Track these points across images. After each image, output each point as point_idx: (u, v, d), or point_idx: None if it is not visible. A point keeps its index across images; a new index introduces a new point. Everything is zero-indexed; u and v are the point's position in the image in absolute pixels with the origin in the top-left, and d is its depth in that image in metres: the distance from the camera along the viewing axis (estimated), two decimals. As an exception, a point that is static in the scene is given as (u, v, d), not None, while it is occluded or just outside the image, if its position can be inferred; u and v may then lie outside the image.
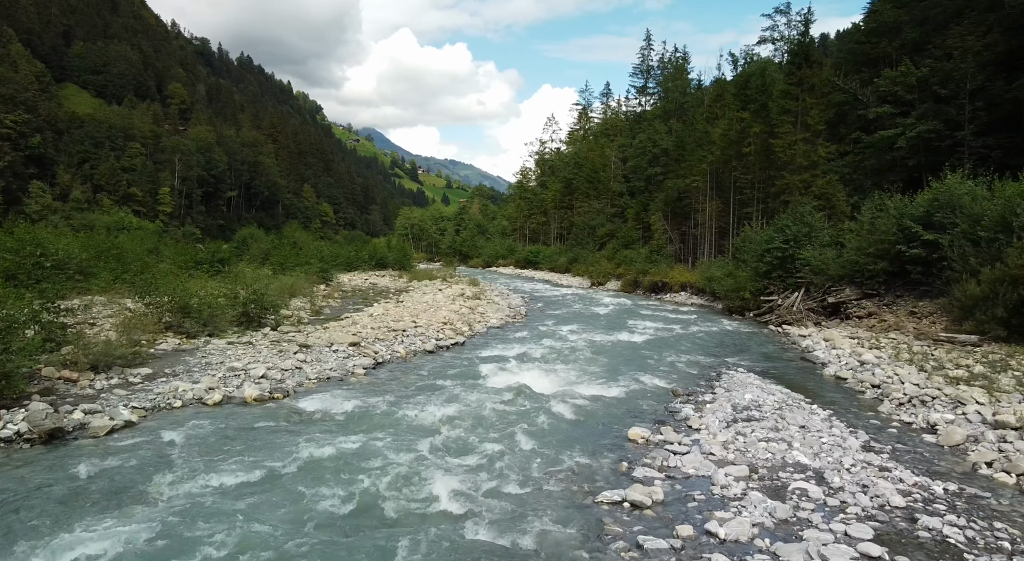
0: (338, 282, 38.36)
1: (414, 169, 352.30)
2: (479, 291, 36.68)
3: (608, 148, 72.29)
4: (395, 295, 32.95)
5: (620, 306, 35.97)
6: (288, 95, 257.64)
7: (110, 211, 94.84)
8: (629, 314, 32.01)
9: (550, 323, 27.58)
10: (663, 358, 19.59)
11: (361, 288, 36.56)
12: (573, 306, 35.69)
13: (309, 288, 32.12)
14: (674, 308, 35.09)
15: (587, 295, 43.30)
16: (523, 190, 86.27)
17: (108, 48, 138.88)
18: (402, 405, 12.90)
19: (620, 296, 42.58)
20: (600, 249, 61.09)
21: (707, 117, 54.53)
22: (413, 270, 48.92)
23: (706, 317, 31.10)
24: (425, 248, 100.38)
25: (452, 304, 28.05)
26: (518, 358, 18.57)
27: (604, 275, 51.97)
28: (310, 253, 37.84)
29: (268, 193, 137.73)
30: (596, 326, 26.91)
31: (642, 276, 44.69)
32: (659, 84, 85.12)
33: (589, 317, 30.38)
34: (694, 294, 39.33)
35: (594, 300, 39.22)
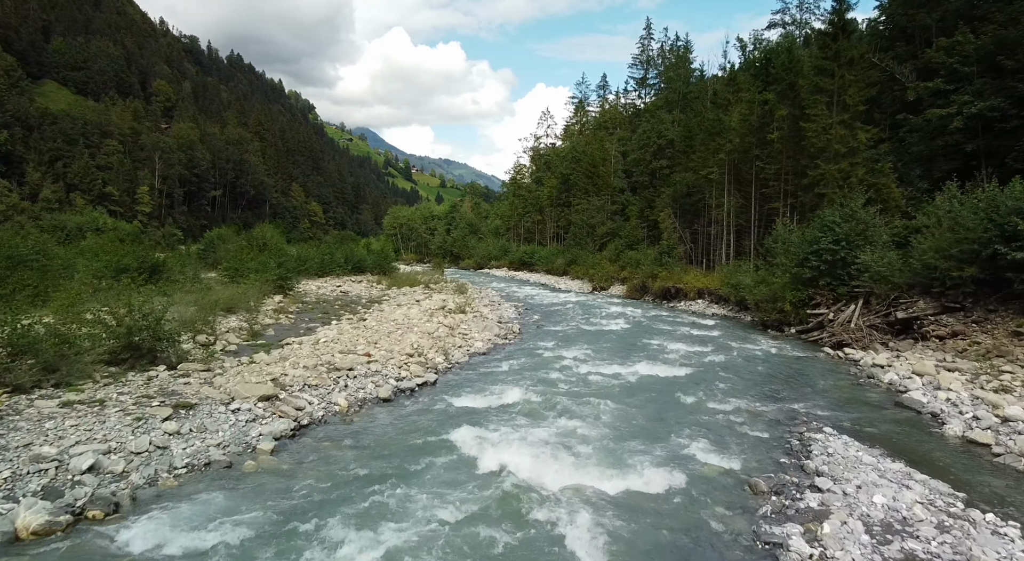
0: (301, 291, 32.70)
1: (408, 168, 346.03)
2: (465, 301, 31.03)
3: (607, 141, 66.68)
4: (364, 307, 27.32)
5: (630, 317, 30.40)
6: (279, 94, 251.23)
7: (83, 211, 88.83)
8: (643, 329, 26.42)
9: (549, 344, 21.96)
10: (708, 406, 13.96)
11: (328, 298, 30.95)
12: (575, 318, 30.10)
13: (258, 301, 26.47)
14: (694, 321, 29.47)
15: (589, 302, 37.72)
16: (517, 187, 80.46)
17: (89, 44, 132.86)
18: (300, 542, 7.31)
19: (627, 304, 37.01)
20: (600, 249, 55.46)
21: (718, 105, 48.93)
22: (395, 275, 43.30)
23: (736, 333, 25.52)
24: (415, 248, 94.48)
25: (429, 321, 22.40)
26: (507, 414, 12.90)
27: (606, 278, 46.39)
28: (271, 257, 32.07)
29: (255, 192, 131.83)
30: (606, 348, 21.30)
31: (650, 280, 39.11)
32: (660, 74, 79.72)
33: (596, 334, 24.78)
34: (714, 302, 33.75)
35: (598, 309, 33.64)
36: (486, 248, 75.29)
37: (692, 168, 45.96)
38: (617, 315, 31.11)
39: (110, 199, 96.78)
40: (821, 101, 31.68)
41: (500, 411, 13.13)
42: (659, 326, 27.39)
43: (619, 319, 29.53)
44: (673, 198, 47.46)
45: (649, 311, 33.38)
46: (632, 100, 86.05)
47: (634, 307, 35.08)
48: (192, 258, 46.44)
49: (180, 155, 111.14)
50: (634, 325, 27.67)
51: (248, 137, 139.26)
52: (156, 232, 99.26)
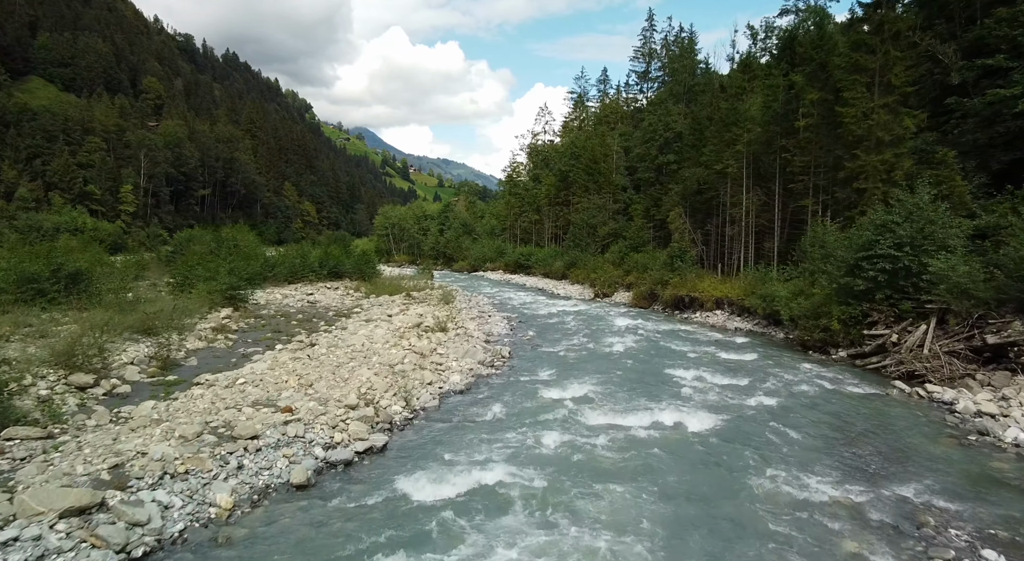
0: (261, 302, 28.02)
1: (405, 168, 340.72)
2: (448, 315, 26.40)
3: (609, 136, 62.01)
4: (327, 324, 22.66)
5: (641, 333, 25.78)
6: (275, 92, 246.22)
7: (61, 211, 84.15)
8: (659, 351, 21.79)
9: (546, 375, 17.35)
10: (778, 492, 9.36)
11: (290, 310, 26.31)
12: (577, 334, 25.47)
13: (201, 316, 21.84)
14: (717, 338, 24.78)
15: (592, 312, 33.10)
16: (513, 185, 75.65)
17: (76, 40, 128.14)
18: None
19: (635, 315, 32.39)
20: (603, 252, 50.77)
21: (731, 94, 44.25)
22: (376, 280, 38.66)
23: (772, 356, 20.89)
24: (407, 249, 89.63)
25: (396, 346, 17.74)
26: (484, 516, 8.32)
27: (610, 284, 41.71)
28: (226, 262, 27.26)
29: (246, 191, 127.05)
30: (618, 381, 16.69)
31: (661, 287, 34.49)
32: (664, 67, 75.14)
33: (603, 359, 20.15)
34: (735, 314, 29.11)
35: (604, 322, 29.01)
36: (481, 249, 70.50)
37: (703, 163, 41.34)
38: (625, 330, 26.47)
39: (91, 198, 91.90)
40: (860, 82, 27.06)
41: (474, 510, 8.53)
42: (677, 346, 22.75)
43: (628, 336, 24.88)
44: (682, 196, 42.82)
45: (661, 324, 28.73)
46: (634, 95, 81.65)
47: (643, 319, 30.43)
48: (159, 260, 41.84)
49: (167, 153, 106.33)
50: (648, 344, 23.03)
51: (239, 135, 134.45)
52: (140, 232, 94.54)
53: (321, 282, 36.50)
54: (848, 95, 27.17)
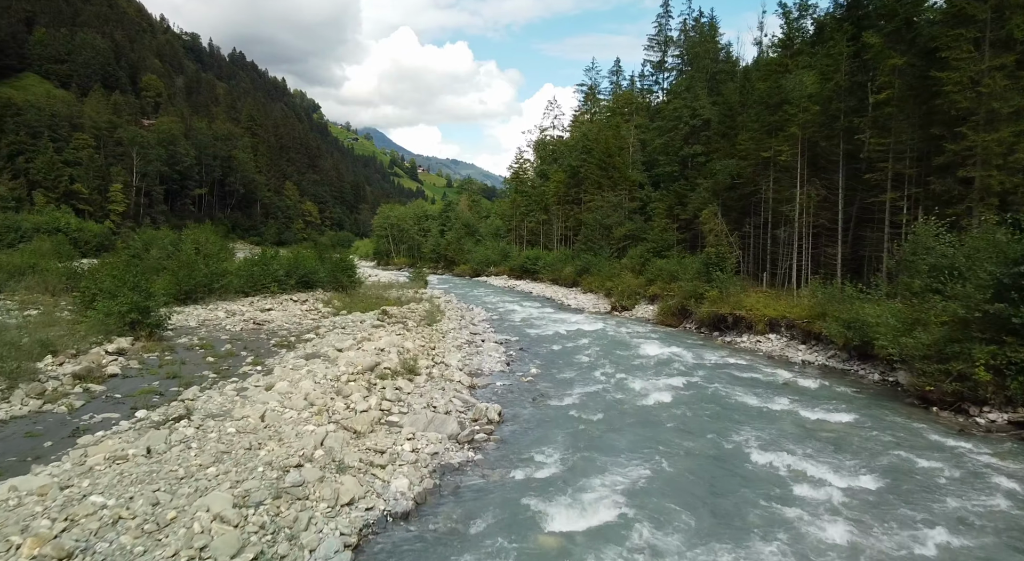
0: (194, 322, 21.55)
1: (414, 168, 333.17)
2: (427, 343, 19.85)
3: (624, 127, 55.20)
4: (256, 360, 16.17)
5: (680, 368, 19.10)
6: (282, 92, 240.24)
7: (43, 210, 78.23)
8: (715, 405, 15.06)
9: (551, 468, 10.70)
10: None
11: (222, 336, 19.84)
12: (594, 370, 18.82)
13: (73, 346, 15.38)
14: (786, 379, 17.90)
15: (612, 332, 26.43)
16: (519, 182, 68.75)
17: (74, 36, 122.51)
18: None
19: (665, 337, 25.69)
20: (619, 256, 44.07)
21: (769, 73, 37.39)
22: (355, 291, 32.15)
23: (882, 416, 14.10)
24: (406, 251, 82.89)
25: (320, 414, 11.07)
26: None
27: (630, 294, 34.99)
28: (137, 274, 20.43)
29: (245, 191, 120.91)
30: (670, 486, 10.10)
31: (694, 302, 27.79)
32: (682, 54, 68.38)
33: (637, 425, 13.47)
34: (795, 339, 22.35)
35: (628, 349, 22.33)
36: (484, 252, 63.75)
37: (738, 153, 34.67)
38: (659, 363, 19.78)
39: (78, 197, 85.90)
40: (965, 39, 20.29)
41: None
42: (736, 393, 16.03)
43: (664, 374, 18.20)
44: (713, 192, 36.06)
45: (702, 352, 21.99)
46: (649, 86, 74.88)
47: (676, 343, 23.70)
48: None
49: (160, 151, 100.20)
50: (695, 390, 16.33)
51: (238, 132, 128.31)
52: (129, 233, 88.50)
53: (288, 294, 29.96)
54: (949, 55, 20.41)
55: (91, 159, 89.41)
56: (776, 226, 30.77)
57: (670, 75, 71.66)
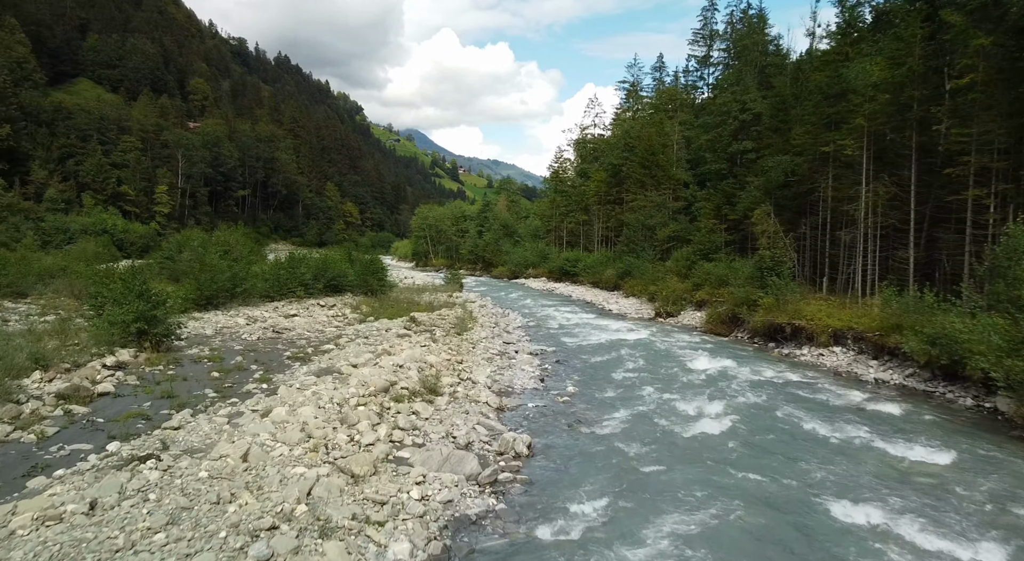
0: (208, 331, 20.24)
1: (455, 169, 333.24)
2: (453, 357, 18.10)
3: (667, 124, 52.68)
4: (264, 376, 14.64)
5: (736, 387, 16.94)
6: (325, 94, 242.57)
7: (91, 212, 79.26)
8: (782, 437, 12.91)
9: (590, 520, 8.85)
10: None
11: (235, 347, 18.43)
12: (640, 389, 16.80)
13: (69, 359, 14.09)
14: (858, 403, 15.63)
15: (658, 342, 24.31)
16: (559, 182, 66.64)
17: (124, 42, 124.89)
18: None
19: (715, 348, 23.45)
20: (663, 258, 41.74)
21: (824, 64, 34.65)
22: (385, 295, 30.65)
23: (987, 456, 11.85)
24: (444, 252, 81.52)
25: (316, 450, 9.35)
26: None
27: (675, 299, 32.72)
28: (132, 282, 18.92)
29: (287, 192, 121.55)
30: (729, 528, 8.14)
31: (746, 309, 25.48)
32: (728, 49, 65.55)
33: (691, 463, 11.44)
34: (865, 354, 19.90)
35: (676, 362, 20.23)
36: (522, 253, 61.83)
37: (793, 148, 32.15)
38: (711, 380, 17.64)
39: (125, 199, 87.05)
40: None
41: None
42: (805, 421, 13.82)
43: (718, 394, 16.06)
44: (765, 190, 33.53)
45: (759, 366, 19.74)
46: (693, 82, 72.12)
47: (729, 355, 21.49)
48: (154, 268, 34.88)
49: (204, 152, 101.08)
50: (755, 415, 14.17)
51: (281, 134, 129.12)
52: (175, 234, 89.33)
53: (316, 298, 28.59)
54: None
55: (138, 161, 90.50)
56: (836, 227, 28.19)
57: (715, 70, 68.82)
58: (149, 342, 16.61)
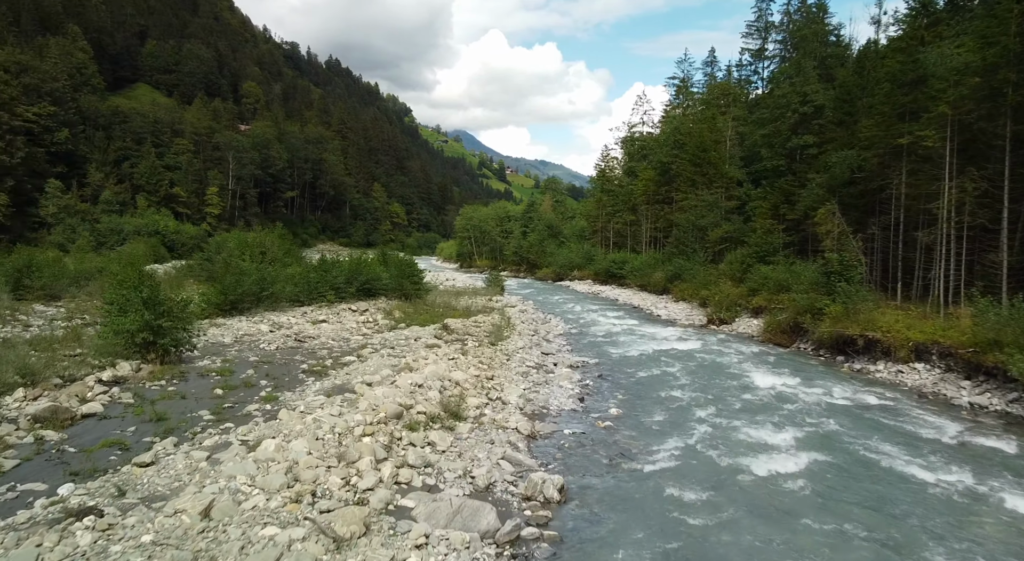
0: (227, 339, 18.95)
1: (502, 169, 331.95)
2: (489, 365, 16.31)
3: (720, 120, 49.90)
4: (271, 394, 13.13)
5: (802, 407, 14.68)
6: (375, 96, 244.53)
7: (144, 213, 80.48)
8: (860, 470, 10.72)
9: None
10: None
11: (251, 358, 17.04)
12: (694, 410, 14.72)
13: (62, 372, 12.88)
14: (959, 435, 13.16)
15: (712, 354, 22.08)
16: (605, 181, 64.22)
17: (180, 47, 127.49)
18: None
19: (776, 360, 21.11)
20: (715, 261, 39.19)
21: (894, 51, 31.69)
22: (421, 300, 29.08)
23: None
24: (488, 253, 79.92)
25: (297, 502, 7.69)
26: None
27: (729, 305, 30.29)
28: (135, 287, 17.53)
29: (334, 193, 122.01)
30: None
31: (809, 318, 22.97)
32: (784, 41, 62.37)
33: (752, 493, 9.45)
34: (953, 372, 17.32)
35: (733, 378, 18.00)
36: (566, 255, 59.70)
37: (859, 142, 29.47)
38: (774, 401, 15.39)
39: (177, 200, 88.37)
40: None
41: None
42: (893, 458, 11.55)
43: (785, 418, 13.88)
44: (828, 188, 30.78)
45: (829, 385, 17.34)
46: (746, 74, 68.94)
47: (793, 370, 19.13)
48: (194, 269, 34.30)
49: (254, 154, 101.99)
50: (831, 450, 11.92)
51: (329, 135, 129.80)
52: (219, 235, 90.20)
53: (348, 302, 27.23)
54: None
55: (190, 163, 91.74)
56: (911, 227, 25.38)
57: (770, 64, 65.65)
58: (155, 354, 15.32)
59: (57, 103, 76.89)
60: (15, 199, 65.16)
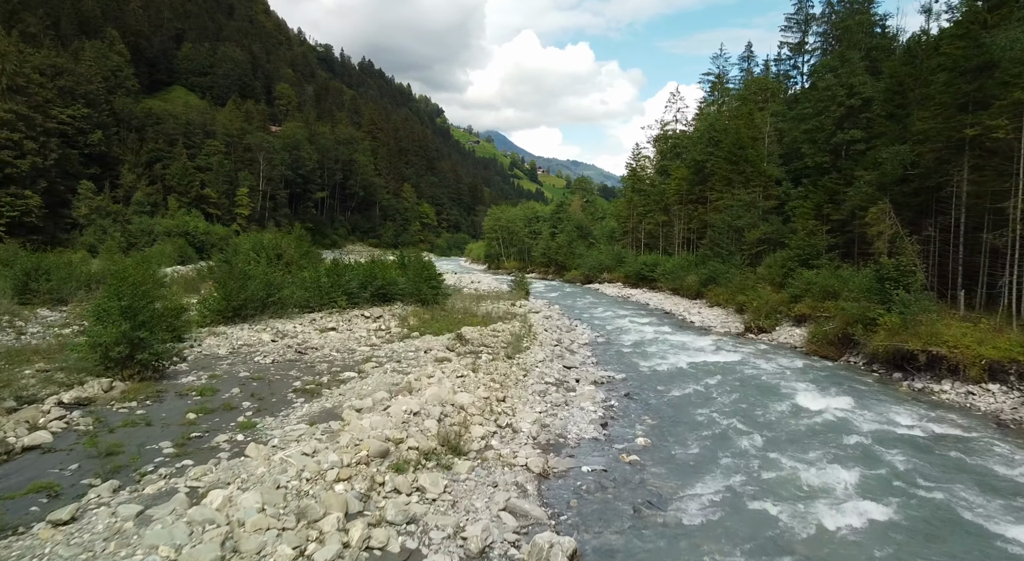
0: (221, 350, 17.46)
1: (533, 170, 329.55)
2: (503, 384, 14.47)
3: (757, 115, 47.30)
4: (250, 419, 11.55)
5: (860, 437, 12.54)
6: (407, 97, 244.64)
7: (175, 214, 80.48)
8: (945, 528, 8.64)
9: None
10: None
11: (250, 367, 15.51)
12: (731, 437, 12.73)
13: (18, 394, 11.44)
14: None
15: (750, 369, 19.95)
16: (636, 180, 61.80)
17: (215, 50, 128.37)
18: None
19: (825, 376, 18.88)
20: (752, 264, 36.77)
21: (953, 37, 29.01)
22: (438, 306, 27.39)
23: None
24: (516, 254, 78.05)
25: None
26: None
27: (768, 312, 27.99)
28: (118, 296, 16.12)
29: (364, 194, 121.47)
30: None
31: (861, 329, 20.65)
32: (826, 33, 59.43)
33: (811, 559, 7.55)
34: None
35: (779, 399, 15.87)
36: (596, 257, 57.51)
37: (913, 136, 27.01)
38: (827, 429, 13.26)
39: (208, 201, 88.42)
40: None
41: None
42: (981, 508, 9.44)
43: (842, 451, 11.82)
44: (879, 186, 28.28)
45: (889, 409, 15.13)
46: (785, 69, 66.14)
47: (844, 388, 16.94)
48: (210, 272, 33.18)
49: (284, 155, 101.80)
50: (903, 495, 9.85)
51: (359, 136, 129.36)
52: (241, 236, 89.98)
53: (361, 308, 25.66)
54: None
55: (220, 164, 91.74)
56: (975, 228, 22.87)
57: (810, 57, 62.72)
58: (132, 369, 13.84)
59: (91, 105, 77.39)
60: (49, 200, 65.35)
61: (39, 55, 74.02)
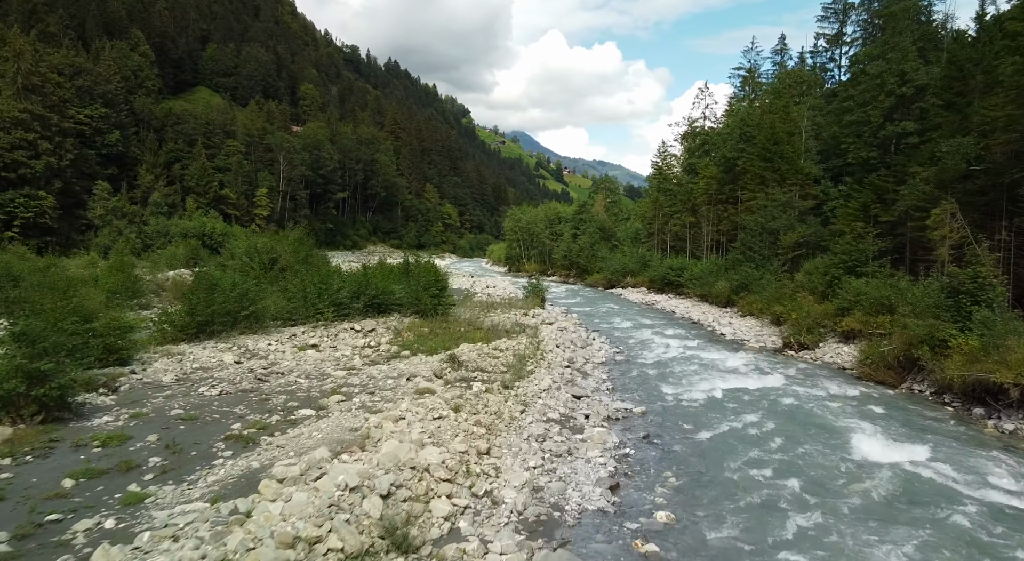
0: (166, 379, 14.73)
1: (559, 170, 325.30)
2: (493, 424, 11.41)
3: (794, 109, 43.61)
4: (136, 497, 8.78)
5: (946, 503, 9.33)
6: (433, 98, 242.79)
7: (192, 215, 78.88)
8: None
9: None
10: None
11: (192, 399, 12.73)
12: (779, 502, 9.62)
13: None
14: None
15: (793, 398, 16.69)
16: (663, 179, 58.18)
17: (240, 51, 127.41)
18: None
19: (886, 410, 15.55)
20: (789, 270, 33.19)
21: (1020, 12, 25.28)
22: (441, 317, 24.42)
23: None
24: (537, 256, 74.92)
25: None
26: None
27: (810, 325, 24.51)
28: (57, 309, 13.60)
29: (385, 194, 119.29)
30: None
31: (929, 351, 17.25)
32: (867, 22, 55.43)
33: None
34: None
35: (828, 438, 12.63)
36: (619, 260, 54.08)
37: (977, 127, 23.54)
38: (902, 492, 10.03)
39: (226, 202, 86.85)
40: None
41: None
42: None
43: (928, 529, 8.60)
44: (938, 184, 24.67)
45: (974, 460, 11.76)
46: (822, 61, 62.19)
47: (911, 426, 13.65)
48: None
49: (304, 155, 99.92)
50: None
51: (381, 136, 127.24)
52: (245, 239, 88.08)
53: (352, 321, 22.83)
54: None
55: (240, 165, 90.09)
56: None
57: (849, 49, 58.72)
58: (30, 409, 11.12)
59: (109, 105, 76.08)
60: (64, 201, 63.93)
61: (57, 55, 72.88)
